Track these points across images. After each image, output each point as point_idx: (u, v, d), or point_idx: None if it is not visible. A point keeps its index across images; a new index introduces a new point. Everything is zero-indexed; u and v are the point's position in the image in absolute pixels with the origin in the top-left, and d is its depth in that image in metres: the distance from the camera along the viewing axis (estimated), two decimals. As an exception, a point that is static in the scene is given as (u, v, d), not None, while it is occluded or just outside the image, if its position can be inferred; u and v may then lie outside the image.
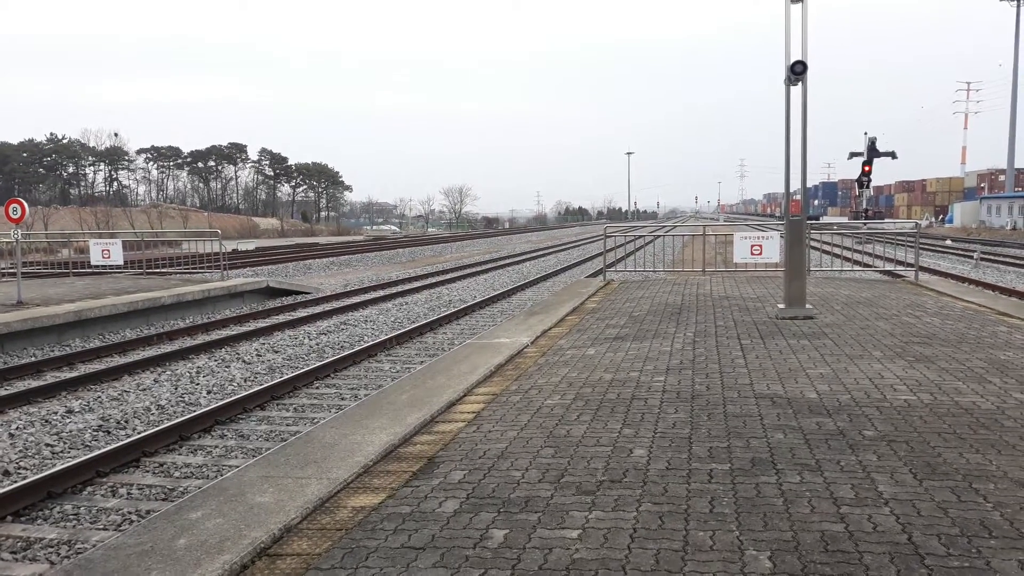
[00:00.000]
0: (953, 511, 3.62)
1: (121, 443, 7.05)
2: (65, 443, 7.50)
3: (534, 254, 37.39)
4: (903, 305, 11.08)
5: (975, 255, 28.08)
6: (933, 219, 78.88)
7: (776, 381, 6.34)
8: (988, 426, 4.96)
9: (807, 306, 10.01)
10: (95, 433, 7.82)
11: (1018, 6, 66.89)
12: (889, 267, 18.32)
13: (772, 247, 14.85)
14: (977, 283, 19.85)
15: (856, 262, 20.12)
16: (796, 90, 9.83)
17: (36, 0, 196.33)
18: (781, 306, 10.13)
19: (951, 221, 73.97)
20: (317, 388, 9.67)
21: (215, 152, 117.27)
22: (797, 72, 9.56)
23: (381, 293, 19.76)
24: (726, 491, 3.94)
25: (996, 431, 4.84)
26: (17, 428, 7.96)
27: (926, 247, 34.99)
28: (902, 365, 6.84)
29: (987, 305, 11.11)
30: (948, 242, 42.57)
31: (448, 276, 24.85)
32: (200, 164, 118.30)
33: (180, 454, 7.17)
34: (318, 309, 16.79)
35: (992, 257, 29.94)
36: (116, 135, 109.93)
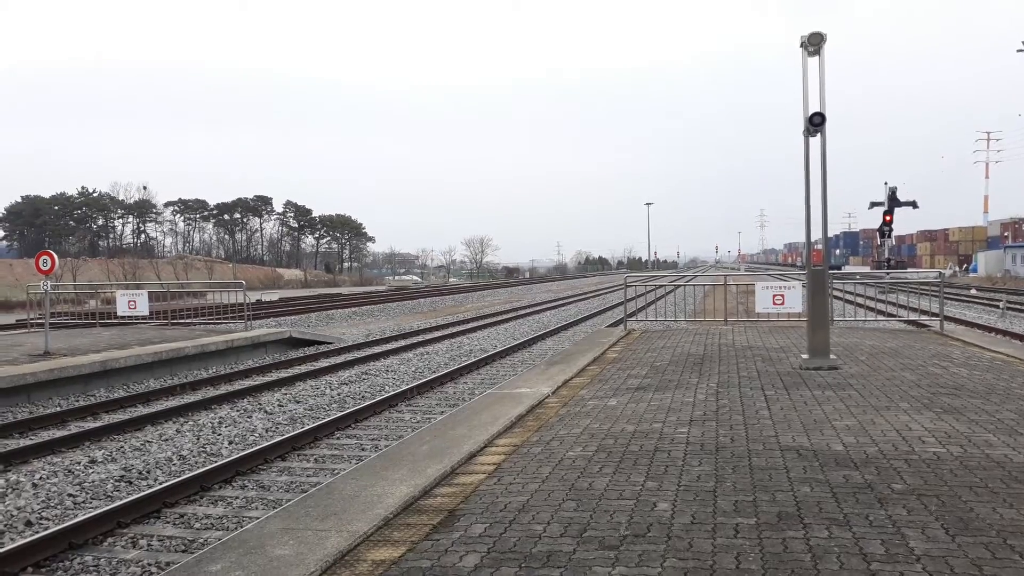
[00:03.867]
0: (988, 568, 3.52)
1: (142, 494, 7.06)
2: (87, 493, 7.52)
3: (554, 303, 37.38)
4: (929, 355, 10.92)
5: (1001, 304, 27.69)
6: (957, 268, 78.10)
7: (801, 433, 6.25)
8: (1021, 480, 4.84)
9: (831, 356, 9.91)
10: (117, 483, 7.84)
11: (1036, 56, 67.06)
12: (913, 317, 18.10)
13: (794, 297, 14.77)
14: (1004, 333, 19.54)
15: (880, 312, 19.92)
16: (815, 141, 9.89)
17: (66, 55, 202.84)
18: (805, 356, 10.03)
19: (975, 270, 73.18)
20: (338, 439, 9.65)
21: (241, 204, 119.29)
22: (816, 123, 9.63)
23: (402, 343, 19.81)
24: (752, 546, 3.86)
25: (1030, 485, 4.73)
26: (40, 478, 8.00)
27: (950, 297, 34.60)
28: (930, 417, 6.72)
29: (1016, 355, 10.93)
30: (973, 291, 42.05)
31: (469, 326, 24.88)
32: (226, 216, 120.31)
33: (201, 505, 7.16)
34: (340, 359, 16.84)
35: (1019, 306, 29.50)
36: (145, 188, 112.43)
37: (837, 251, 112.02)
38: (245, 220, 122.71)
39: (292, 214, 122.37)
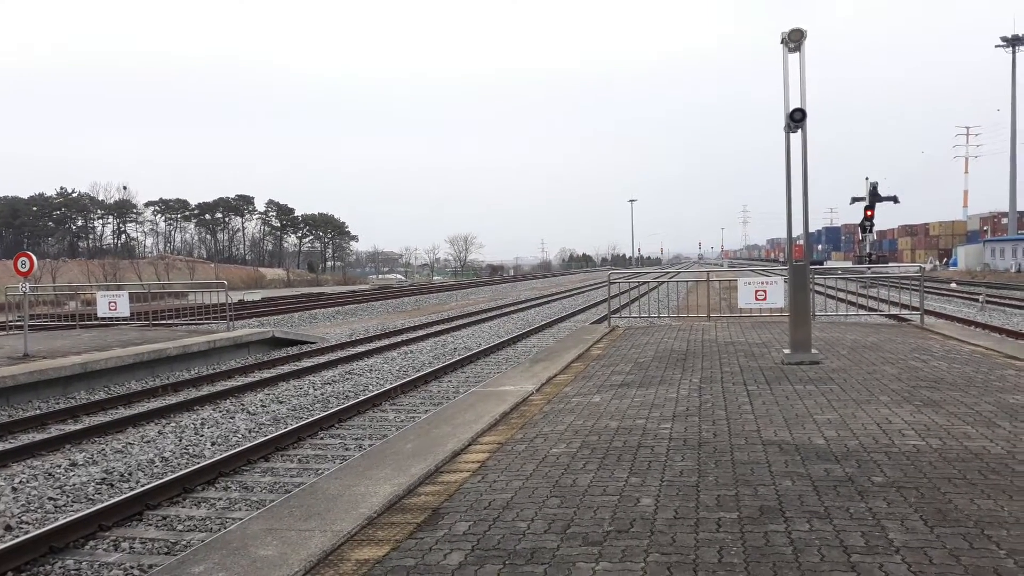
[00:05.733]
0: (966, 559, 3.57)
1: (124, 496, 7.00)
2: (68, 496, 7.45)
3: (538, 301, 37.42)
4: (909, 349, 11.03)
5: (980, 298, 28.00)
6: (937, 262, 78.91)
7: (783, 427, 6.29)
8: (999, 471, 4.90)
9: (813, 351, 9.98)
10: (98, 486, 7.77)
11: (1013, 52, 68.05)
12: (894, 311, 18.28)
13: (776, 292, 14.85)
14: (983, 326, 19.77)
15: (861, 306, 20.09)
16: (796, 137, 9.95)
17: (45, 51, 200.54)
18: (787, 351, 10.10)
19: (955, 264, 74.00)
20: (322, 439, 9.61)
21: (222, 204, 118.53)
22: (796, 120, 9.69)
23: (386, 342, 19.76)
24: (735, 540, 3.89)
25: (1007, 476, 4.79)
26: (20, 481, 7.92)
27: (931, 290, 34.95)
28: (910, 410, 6.79)
29: (994, 348, 11.06)
30: (953, 285, 42.51)
31: (453, 324, 24.86)
32: (207, 216, 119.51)
33: (183, 507, 7.11)
34: (323, 359, 16.78)
35: (997, 300, 29.87)
36: (125, 188, 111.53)
37: (819, 246, 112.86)
38: (227, 220, 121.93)
39: (274, 213, 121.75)
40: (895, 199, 59.74)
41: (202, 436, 9.85)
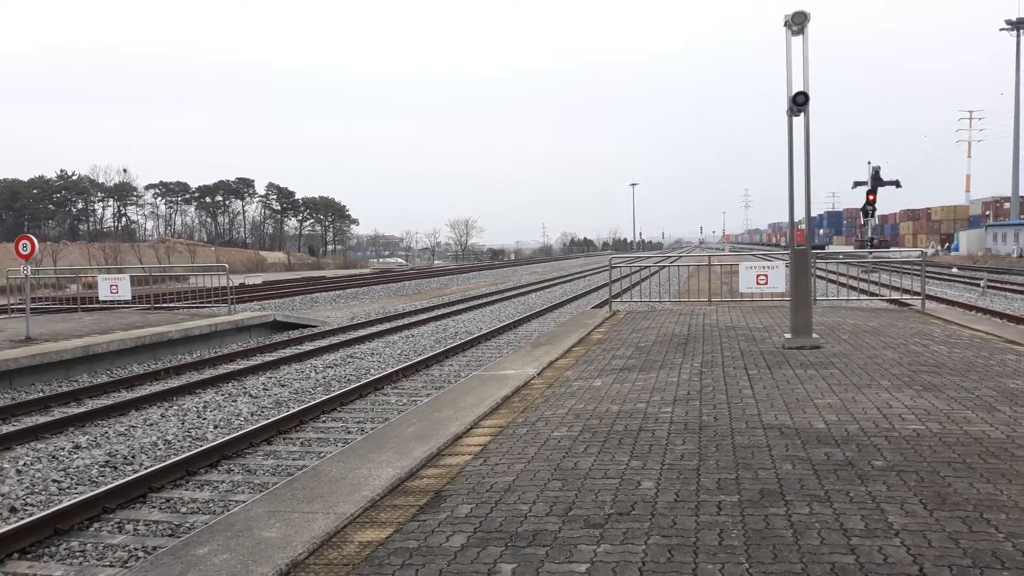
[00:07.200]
0: (964, 542, 3.59)
1: (128, 479, 7.04)
2: (72, 479, 7.49)
3: (540, 285, 37.42)
4: (910, 334, 11.04)
5: (981, 283, 27.98)
6: (939, 247, 78.78)
7: (784, 411, 6.31)
8: (998, 455, 4.92)
9: (814, 335, 9.99)
10: (102, 469, 7.81)
11: (1018, 35, 67.62)
12: (895, 296, 18.28)
13: (778, 276, 14.85)
14: (984, 311, 19.77)
15: (862, 291, 20.09)
16: (799, 120, 9.91)
17: (46, 37, 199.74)
18: (788, 336, 10.11)
19: (957, 249, 73.88)
20: (324, 422, 9.65)
21: (223, 187, 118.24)
22: (799, 103, 9.65)
23: (387, 326, 19.78)
24: (735, 523, 3.91)
25: (1007, 460, 4.81)
26: (24, 464, 7.96)
27: (932, 275, 34.92)
28: (910, 394, 6.81)
29: (995, 333, 11.07)
30: (954, 270, 42.47)
31: (454, 308, 24.87)
32: (208, 199, 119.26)
33: (187, 489, 7.15)
34: (325, 342, 16.80)
35: (999, 285, 29.84)
36: (125, 171, 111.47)
37: (820, 231, 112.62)
38: (227, 203, 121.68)
39: (275, 196, 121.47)
40: (897, 183, 59.48)
41: (205, 419, 9.89)
